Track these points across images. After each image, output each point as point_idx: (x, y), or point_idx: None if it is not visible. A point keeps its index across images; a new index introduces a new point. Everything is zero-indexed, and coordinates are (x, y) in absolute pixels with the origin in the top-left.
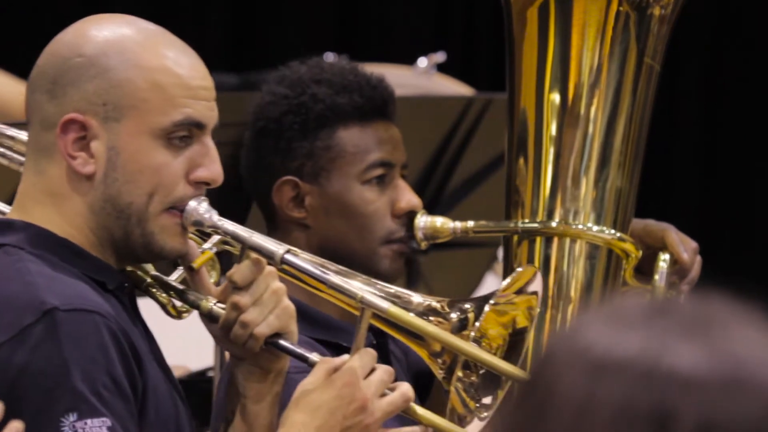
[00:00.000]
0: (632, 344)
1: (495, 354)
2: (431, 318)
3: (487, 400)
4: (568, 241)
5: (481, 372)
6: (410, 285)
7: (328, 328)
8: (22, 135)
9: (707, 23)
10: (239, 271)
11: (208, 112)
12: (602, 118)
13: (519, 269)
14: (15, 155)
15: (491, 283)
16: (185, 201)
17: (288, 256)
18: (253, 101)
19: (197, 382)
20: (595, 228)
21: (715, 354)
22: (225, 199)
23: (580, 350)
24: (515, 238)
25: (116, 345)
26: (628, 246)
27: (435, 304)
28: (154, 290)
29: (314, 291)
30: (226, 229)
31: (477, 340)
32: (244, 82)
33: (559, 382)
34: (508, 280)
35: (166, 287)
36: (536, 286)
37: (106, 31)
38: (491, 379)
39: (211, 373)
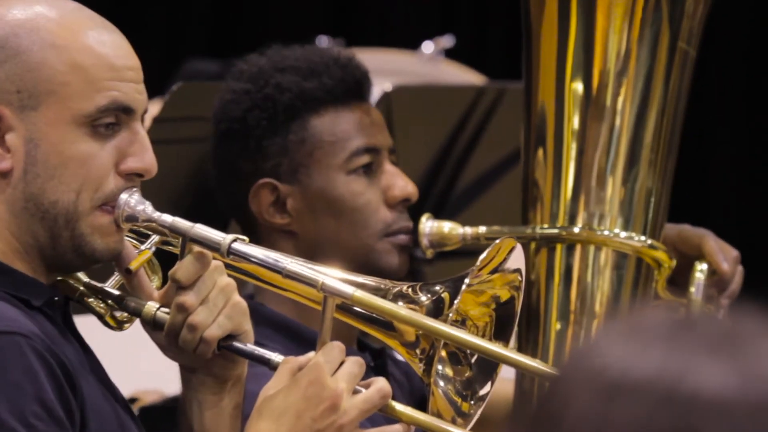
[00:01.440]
0: (651, 363)
1: (484, 335)
2: (401, 303)
3: (484, 390)
4: (592, 248)
5: (472, 360)
6: None
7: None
8: None
9: (748, 2)
10: (182, 268)
11: (136, 95)
12: (631, 110)
13: (496, 241)
14: None
15: None
16: (117, 195)
17: (236, 245)
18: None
19: (172, 408)
20: (623, 234)
21: (743, 374)
22: (208, 199)
23: (594, 370)
24: (533, 245)
25: (45, 367)
26: (661, 254)
27: (405, 289)
28: (89, 300)
29: (269, 287)
30: (164, 221)
31: (459, 325)
32: (226, 69)
33: (572, 405)
34: (484, 254)
35: (103, 295)
36: (517, 261)
37: (16, 10)
38: (485, 365)
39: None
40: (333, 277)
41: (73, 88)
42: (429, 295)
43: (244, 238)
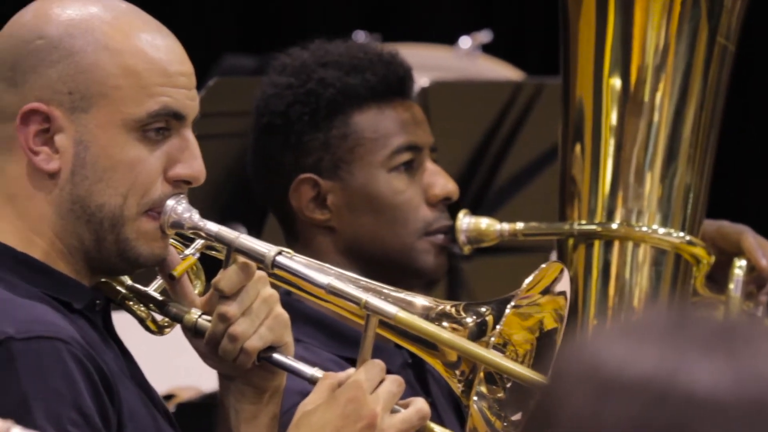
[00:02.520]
0: (646, 362)
1: (522, 362)
2: (445, 324)
3: (516, 416)
4: (630, 245)
5: (509, 386)
6: (451, 294)
7: (358, 345)
8: None
9: None
10: (225, 278)
11: (188, 101)
12: (669, 106)
13: (542, 266)
14: None
15: None
16: (164, 201)
17: (281, 259)
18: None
19: (209, 404)
20: (662, 230)
21: (738, 373)
22: (244, 194)
23: (589, 368)
24: (570, 241)
25: (83, 373)
26: (699, 251)
27: (449, 308)
28: (130, 303)
29: (312, 298)
30: (209, 230)
31: (500, 348)
32: (262, 64)
33: (566, 403)
34: (530, 278)
35: (145, 299)
36: (563, 285)
37: (71, 10)
38: (520, 393)
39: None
40: (376, 293)
41: (125, 92)
42: (474, 317)
43: (289, 251)
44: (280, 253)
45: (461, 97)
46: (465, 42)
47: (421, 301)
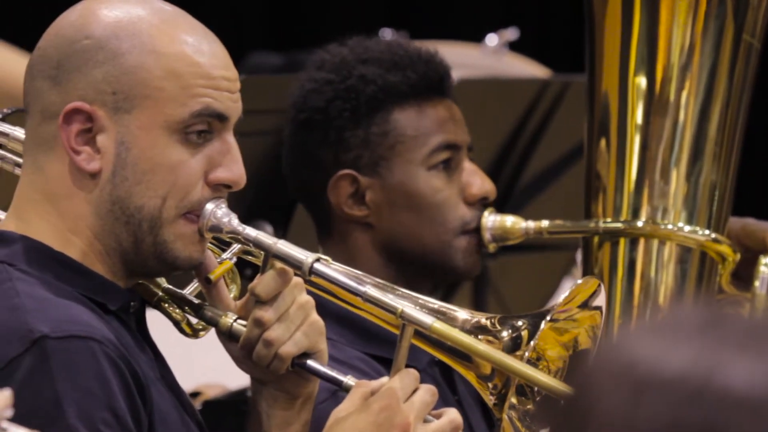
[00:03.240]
0: (681, 359)
1: (554, 378)
2: (480, 336)
3: (544, 430)
4: (656, 242)
5: (538, 399)
6: (477, 292)
7: (385, 343)
8: (17, 132)
9: None
10: (262, 283)
11: (230, 103)
12: (695, 104)
13: (579, 281)
14: (8, 155)
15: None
16: (203, 205)
17: (318, 266)
18: (298, 84)
19: (235, 402)
20: (687, 228)
21: None
22: (271, 193)
23: (624, 366)
24: (596, 239)
25: (117, 374)
26: (725, 248)
27: (484, 320)
28: (166, 305)
29: (348, 306)
30: (248, 235)
31: (533, 362)
32: (288, 62)
33: (600, 400)
34: (566, 293)
35: (180, 302)
36: (600, 300)
37: (118, 11)
38: (550, 407)
39: (250, 393)
40: (413, 302)
41: (168, 93)
42: (509, 331)
43: (327, 258)
44: (318, 260)
45: (488, 94)
46: (492, 40)
47: (457, 313)
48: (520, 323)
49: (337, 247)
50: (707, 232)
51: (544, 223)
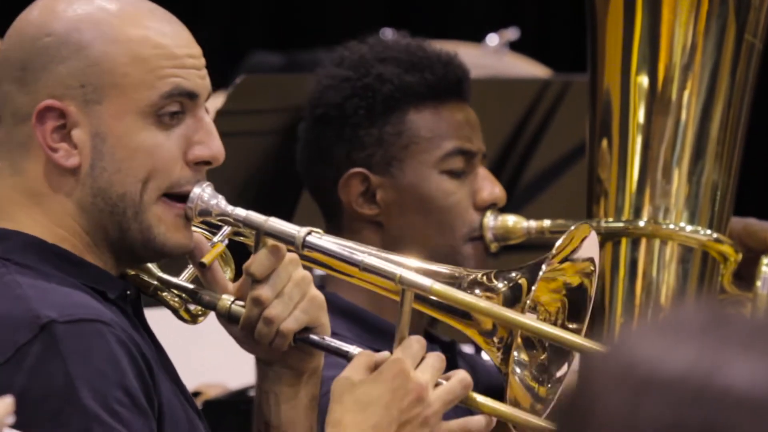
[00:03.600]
0: (683, 359)
1: (557, 320)
2: (478, 292)
3: (560, 371)
4: (657, 242)
5: (547, 343)
6: None
7: (392, 338)
8: None
9: None
10: (256, 262)
11: (199, 80)
12: (696, 104)
13: (572, 228)
14: None
15: None
16: (184, 186)
17: (311, 238)
18: (299, 84)
19: (236, 402)
20: (689, 228)
21: None
22: (270, 193)
23: (624, 366)
24: (598, 239)
25: (128, 354)
26: (726, 248)
27: (480, 276)
28: (163, 294)
29: (345, 277)
30: (237, 215)
31: (532, 310)
32: (289, 62)
33: (601, 400)
34: (559, 242)
35: (177, 289)
36: (590, 251)
37: (76, 5)
38: (559, 348)
39: (251, 393)
40: (410, 268)
41: (135, 78)
42: (505, 282)
43: (319, 231)
44: (309, 233)
45: (488, 94)
46: (492, 39)
47: (451, 270)
48: (514, 274)
49: None
50: (709, 232)
51: (546, 223)
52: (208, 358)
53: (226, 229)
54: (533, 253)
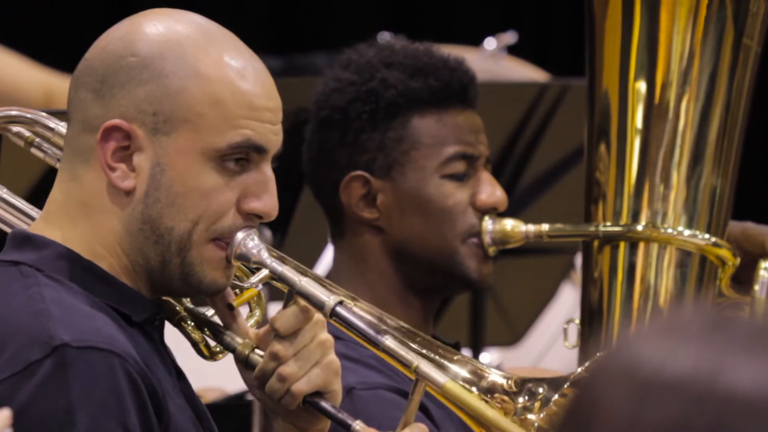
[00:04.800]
0: (686, 361)
1: None
2: (496, 395)
3: None
4: (656, 247)
5: None
6: (476, 296)
7: None
8: (63, 128)
9: None
10: (284, 318)
11: (271, 135)
12: (695, 108)
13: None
14: (53, 148)
15: (568, 294)
16: (233, 232)
17: (339, 309)
18: (297, 87)
19: (234, 406)
20: (687, 232)
21: None
22: None
23: (628, 367)
24: (596, 243)
25: (133, 391)
26: (725, 252)
27: (501, 380)
28: (186, 324)
29: (367, 344)
30: (274, 269)
31: (544, 430)
32: (288, 65)
33: (605, 402)
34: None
35: (202, 323)
36: None
37: (164, 29)
38: None
39: (249, 397)
40: (430, 352)
41: (208, 120)
42: (525, 397)
43: (350, 301)
44: (340, 302)
45: (486, 98)
46: (490, 43)
47: (474, 366)
48: (540, 390)
49: (349, 247)
50: (707, 236)
51: (544, 227)
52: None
53: (263, 273)
54: (532, 256)
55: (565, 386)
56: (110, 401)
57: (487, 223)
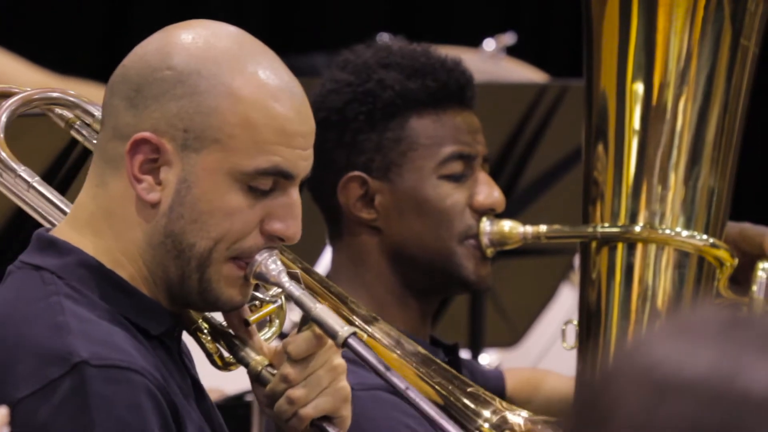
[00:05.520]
0: (702, 362)
1: None
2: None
3: None
4: (653, 248)
5: None
6: (475, 297)
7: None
8: (95, 110)
9: None
10: (296, 343)
11: (300, 161)
12: (692, 109)
13: None
14: (94, 134)
15: (567, 295)
16: (254, 253)
17: (351, 341)
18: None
19: (233, 407)
20: (685, 233)
21: None
22: None
23: (644, 368)
24: (594, 244)
25: (154, 407)
26: (723, 253)
27: (512, 417)
28: (202, 335)
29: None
30: (291, 292)
31: None
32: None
33: (621, 403)
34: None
35: (218, 334)
36: None
37: (202, 43)
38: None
39: (249, 398)
40: (442, 387)
41: (239, 142)
42: None
43: (363, 334)
44: (353, 334)
45: (485, 99)
46: (489, 44)
47: (485, 399)
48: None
49: (347, 248)
50: (705, 236)
51: (542, 228)
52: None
53: (280, 291)
54: (530, 258)
55: None
56: (131, 418)
57: (485, 225)
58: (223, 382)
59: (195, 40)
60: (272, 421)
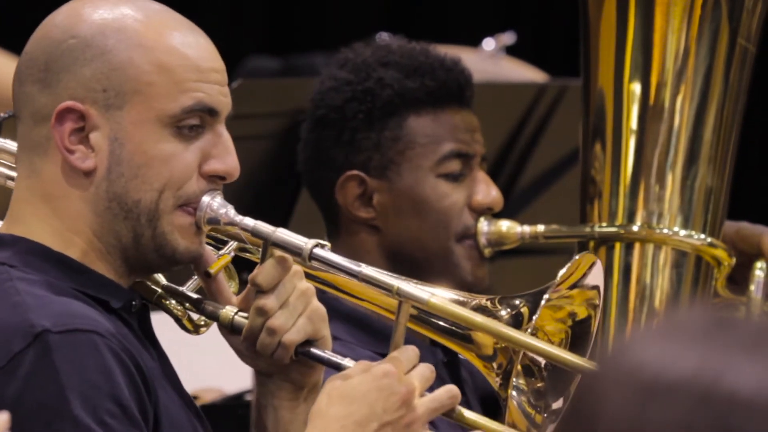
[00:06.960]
0: (689, 363)
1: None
2: (479, 310)
3: (557, 404)
4: (651, 247)
5: (546, 374)
6: None
7: None
8: (8, 144)
9: None
10: (263, 272)
11: (221, 97)
12: (690, 109)
13: (576, 257)
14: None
15: None
16: (199, 196)
17: (318, 250)
18: (296, 88)
19: (232, 406)
20: (683, 233)
21: None
22: (267, 198)
23: (630, 369)
24: (591, 244)
25: (121, 366)
26: (720, 253)
27: (484, 301)
28: (167, 302)
29: (345, 296)
30: (246, 225)
31: (534, 336)
32: (286, 66)
33: (607, 404)
34: (563, 270)
35: (181, 298)
36: (596, 278)
37: (103, 10)
38: (558, 379)
39: (248, 397)
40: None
41: (158, 88)
42: (508, 309)
43: (326, 243)
44: (317, 245)
45: (484, 98)
46: (488, 44)
47: (454, 295)
48: (517, 301)
49: (345, 246)
50: (703, 236)
51: (540, 228)
52: (204, 363)
53: (233, 243)
54: (528, 257)
55: (547, 295)
56: (100, 379)
57: (483, 225)
58: (222, 382)
59: (93, 8)
60: (255, 371)
